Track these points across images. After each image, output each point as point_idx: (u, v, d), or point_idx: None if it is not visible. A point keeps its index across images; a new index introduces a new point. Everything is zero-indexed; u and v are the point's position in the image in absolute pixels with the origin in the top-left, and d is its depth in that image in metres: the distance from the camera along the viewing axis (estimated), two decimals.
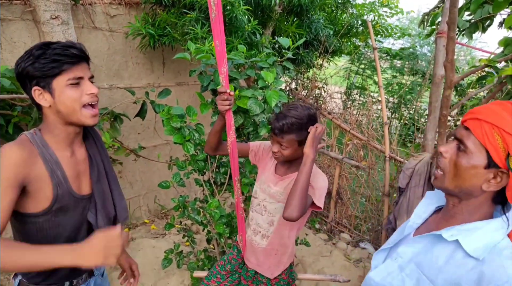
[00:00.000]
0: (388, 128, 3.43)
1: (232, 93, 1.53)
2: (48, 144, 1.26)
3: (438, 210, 1.16)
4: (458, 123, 4.32)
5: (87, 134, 1.43)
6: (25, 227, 1.28)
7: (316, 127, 1.50)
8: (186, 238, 2.82)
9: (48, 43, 1.20)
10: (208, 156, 2.37)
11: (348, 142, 3.96)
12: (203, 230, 2.68)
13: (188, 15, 2.91)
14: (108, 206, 1.45)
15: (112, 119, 3.08)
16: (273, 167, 1.76)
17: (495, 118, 0.92)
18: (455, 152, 1.00)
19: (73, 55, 1.21)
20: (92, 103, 1.28)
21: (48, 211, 1.26)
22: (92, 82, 1.29)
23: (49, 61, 1.17)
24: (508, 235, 0.99)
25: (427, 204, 1.19)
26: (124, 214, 1.53)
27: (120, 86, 3.59)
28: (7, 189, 1.10)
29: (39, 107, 1.25)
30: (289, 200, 1.49)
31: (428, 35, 2.92)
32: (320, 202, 1.57)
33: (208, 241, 2.76)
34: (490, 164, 0.92)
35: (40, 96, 1.21)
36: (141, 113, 3.12)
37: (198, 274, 2.42)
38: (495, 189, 0.94)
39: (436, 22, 2.66)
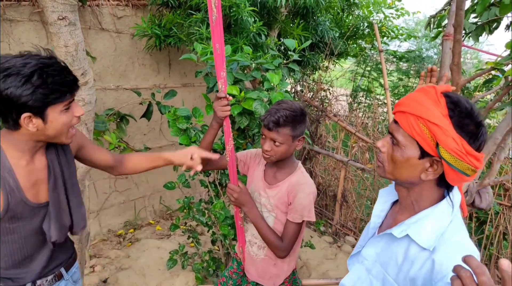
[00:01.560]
0: None
1: (230, 98, 1.51)
2: (3, 152, 1.21)
3: (396, 203, 1.16)
4: None
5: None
6: None
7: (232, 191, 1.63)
8: (191, 239, 2.82)
9: (42, 67, 1.09)
10: None
11: (353, 145, 3.96)
12: (208, 231, 2.68)
13: (194, 16, 2.93)
14: (63, 216, 1.37)
15: (118, 120, 3.10)
16: (262, 173, 1.72)
17: (418, 109, 0.91)
18: (391, 146, 1.00)
19: (73, 83, 1.17)
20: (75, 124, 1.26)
21: (0, 218, 1.22)
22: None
23: (50, 91, 1.10)
24: (460, 206, 1.00)
25: (382, 202, 1.19)
26: (81, 223, 1.44)
27: (127, 87, 3.61)
28: None
29: (15, 125, 1.15)
30: (267, 245, 1.64)
31: (434, 38, 2.91)
32: (309, 217, 1.58)
33: (213, 242, 2.76)
34: (423, 154, 0.93)
35: (28, 121, 1.13)
36: (147, 114, 3.14)
37: None
38: (433, 178, 0.95)
39: (443, 24, 2.64)
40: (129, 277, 3.05)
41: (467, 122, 0.88)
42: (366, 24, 5.22)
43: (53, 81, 1.10)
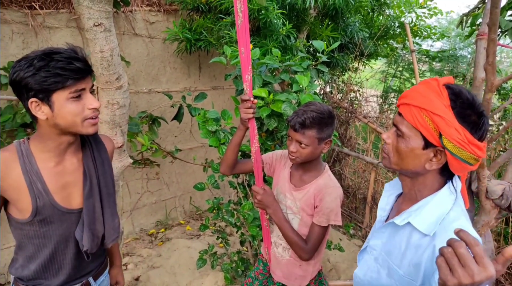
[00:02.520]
0: None
1: (255, 101, 1.51)
2: (32, 154, 1.22)
3: (401, 196, 1.19)
4: (501, 127, 4.15)
5: (85, 143, 1.34)
6: (16, 232, 1.29)
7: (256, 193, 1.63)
8: (220, 239, 2.86)
9: (50, 53, 1.11)
10: (242, 158, 2.39)
11: None
12: (236, 232, 2.71)
13: (224, 20, 2.97)
14: (97, 225, 1.35)
15: (150, 122, 3.18)
16: (288, 175, 1.71)
17: (421, 100, 0.94)
18: (396, 137, 1.03)
19: (77, 70, 1.13)
20: (94, 117, 1.21)
21: (30, 221, 1.23)
22: (91, 92, 1.22)
23: (52, 74, 1.09)
24: (462, 196, 1.02)
25: (387, 195, 1.21)
26: (113, 234, 1.42)
27: (158, 90, 3.70)
28: None
29: (33, 117, 1.17)
30: (291, 247, 1.64)
31: (468, 36, 2.83)
32: (336, 221, 1.58)
33: (242, 243, 2.79)
34: (427, 144, 0.96)
35: (37, 108, 1.13)
36: (178, 117, 3.21)
37: None
38: (437, 167, 0.98)
39: (477, 23, 2.57)
40: (160, 275, 3.12)
41: (469, 112, 0.91)
42: (397, 24, 5.12)
43: (55, 66, 1.09)
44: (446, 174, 1.01)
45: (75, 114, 1.16)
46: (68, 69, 1.10)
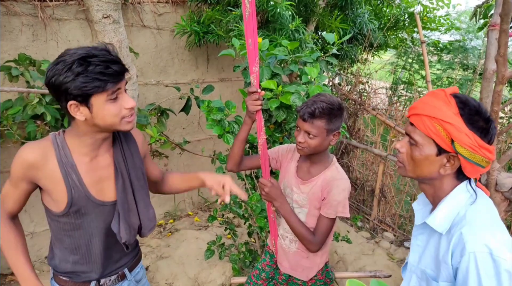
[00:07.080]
0: None
1: (263, 93, 1.51)
2: (67, 147, 1.26)
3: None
4: (511, 120, 4.10)
5: (116, 140, 1.38)
6: (53, 224, 1.34)
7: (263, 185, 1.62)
8: (228, 230, 2.87)
9: (86, 57, 1.11)
10: (250, 150, 2.40)
11: (393, 139, 3.87)
12: (244, 224, 2.72)
13: (233, 12, 2.96)
14: (132, 217, 1.41)
15: (159, 114, 3.20)
16: (294, 169, 1.70)
17: (432, 110, 1.00)
18: (409, 146, 1.08)
19: (115, 73, 1.14)
20: (130, 115, 1.25)
21: (66, 213, 1.28)
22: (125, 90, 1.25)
23: (91, 79, 1.10)
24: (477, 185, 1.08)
25: (421, 213, 1.24)
26: (149, 224, 1.48)
27: (167, 82, 3.71)
28: (17, 183, 1.26)
29: (71, 116, 1.20)
30: (299, 239, 1.65)
31: (481, 28, 2.79)
32: (343, 213, 1.59)
33: (249, 234, 2.80)
34: (440, 151, 1.02)
35: (76, 110, 1.16)
36: (186, 109, 3.22)
37: (236, 280, 2.44)
38: (451, 172, 1.04)
39: (489, 14, 2.53)
40: (169, 265, 3.16)
41: (477, 118, 0.98)
42: (407, 15, 5.06)
43: (94, 71, 1.10)
44: (462, 178, 1.06)
45: (113, 114, 1.19)
46: (106, 73, 1.12)
